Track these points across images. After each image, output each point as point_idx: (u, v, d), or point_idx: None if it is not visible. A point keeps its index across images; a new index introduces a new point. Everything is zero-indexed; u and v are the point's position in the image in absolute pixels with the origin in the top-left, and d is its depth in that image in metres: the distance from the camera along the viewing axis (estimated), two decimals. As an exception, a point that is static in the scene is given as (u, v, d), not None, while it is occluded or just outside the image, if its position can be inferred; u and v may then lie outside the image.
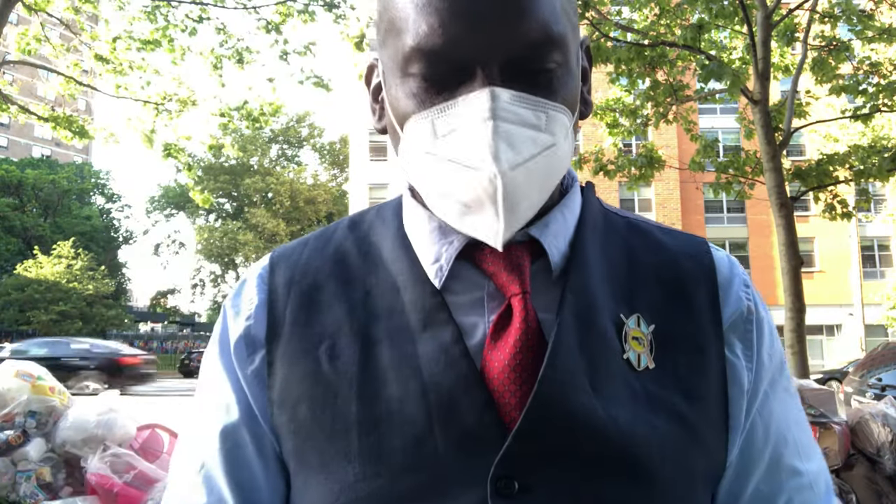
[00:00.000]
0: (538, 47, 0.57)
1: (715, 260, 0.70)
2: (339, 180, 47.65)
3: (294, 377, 0.63)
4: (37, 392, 3.04)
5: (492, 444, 0.56)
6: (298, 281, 0.67)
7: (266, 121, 10.10)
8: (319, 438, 0.60)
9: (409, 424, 0.58)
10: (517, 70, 0.57)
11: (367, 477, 0.58)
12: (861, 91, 9.20)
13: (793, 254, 7.49)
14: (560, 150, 0.59)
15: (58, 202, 41.69)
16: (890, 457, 3.06)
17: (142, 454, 3.06)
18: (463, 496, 0.56)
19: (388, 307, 0.64)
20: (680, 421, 0.60)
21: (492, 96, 0.55)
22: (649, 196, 27.46)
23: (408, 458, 0.57)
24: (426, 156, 0.59)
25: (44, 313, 30.48)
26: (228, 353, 0.67)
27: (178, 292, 52.49)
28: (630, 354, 0.61)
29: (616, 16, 9.70)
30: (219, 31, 9.33)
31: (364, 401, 0.60)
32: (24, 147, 56.20)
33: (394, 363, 0.60)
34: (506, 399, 0.58)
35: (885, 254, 28.68)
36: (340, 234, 0.71)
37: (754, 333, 0.67)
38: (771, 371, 0.67)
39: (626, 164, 9.89)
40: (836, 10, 8.93)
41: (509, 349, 0.59)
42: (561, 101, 0.59)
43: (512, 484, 0.55)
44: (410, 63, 0.58)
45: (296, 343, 0.64)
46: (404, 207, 0.70)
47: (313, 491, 0.61)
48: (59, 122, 9.14)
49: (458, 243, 0.64)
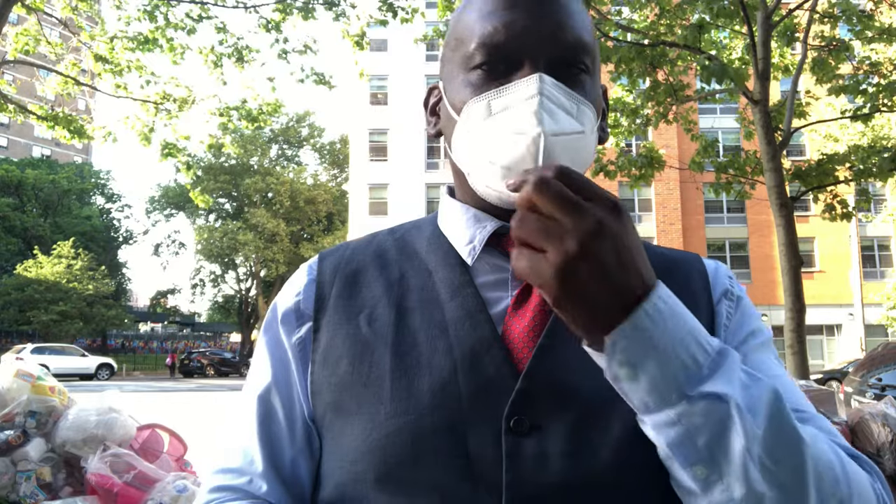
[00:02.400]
0: (574, 50, 0.71)
1: (705, 263, 0.83)
2: (339, 180, 47.63)
3: (337, 339, 0.73)
4: (37, 392, 3.04)
5: (507, 390, 0.66)
6: (343, 268, 0.79)
7: (266, 120, 10.08)
8: (357, 386, 0.70)
9: (436, 371, 0.68)
10: (557, 66, 0.70)
11: (398, 414, 0.66)
12: (861, 91, 9.20)
13: (793, 254, 7.49)
14: (588, 139, 0.70)
15: (58, 202, 41.70)
16: (890, 457, 3.06)
17: (142, 454, 3.06)
18: (482, 433, 0.64)
19: (420, 284, 0.75)
20: None
21: (539, 79, 0.68)
22: (649, 196, 27.45)
23: (434, 398, 0.66)
24: (481, 129, 0.70)
25: (44, 313, 30.48)
26: (275, 328, 0.78)
27: (178, 292, 52.42)
28: None
29: (616, 15, 9.71)
30: (219, 31, 9.32)
31: (397, 354, 0.70)
32: (24, 147, 56.20)
33: (424, 325, 0.71)
34: (524, 355, 0.68)
35: (885, 254, 28.68)
36: (381, 236, 0.84)
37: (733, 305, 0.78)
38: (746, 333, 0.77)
39: (627, 164, 9.89)
40: (836, 10, 8.93)
41: (529, 315, 0.70)
42: (590, 100, 0.71)
43: (524, 422, 0.64)
44: (473, 59, 0.72)
45: (340, 313, 0.75)
46: (441, 207, 0.83)
47: (349, 433, 0.69)
48: (58, 121, 9.14)
49: (491, 227, 0.75)
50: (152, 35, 8.99)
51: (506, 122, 0.68)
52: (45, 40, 8.89)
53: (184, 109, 9.44)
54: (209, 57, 9.29)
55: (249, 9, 9.15)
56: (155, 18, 8.93)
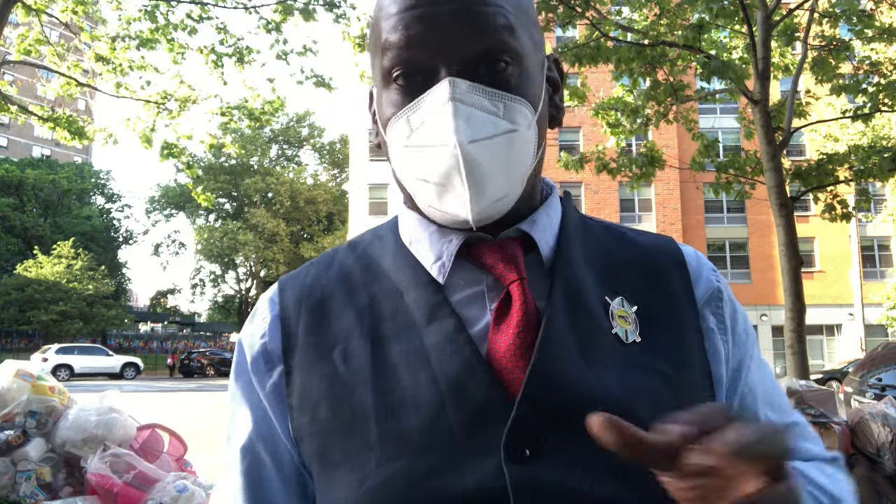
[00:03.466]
0: (489, 50, 0.66)
1: (683, 251, 0.79)
2: (339, 180, 47.63)
3: (312, 381, 0.68)
4: (37, 392, 3.03)
5: (501, 417, 0.61)
6: (307, 297, 0.73)
7: (267, 119, 10.06)
8: (341, 433, 0.65)
9: (423, 408, 0.62)
10: (474, 68, 0.66)
11: (389, 460, 0.61)
12: (861, 91, 9.19)
13: (793, 254, 7.49)
14: (521, 137, 0.67)
15: (58, 202, 41.70)
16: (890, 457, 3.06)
17: (142, 454, 3.06)
18: (479, 466, 0.60)
19: (392, 309, 0.70)
20: (670, 383, 0.66)
21: (451, 84, 0.64)
22: (649, 196, 27.44)
23: (425, 437, 0.61)
24: (405, 149, 0.67)
25: (44, 313, 30.49)
26: (247, 374, 0.73)
27: (178, 292, 52.46)
28: (618, 330, 0.68)
29: (616, 15, 9.70)
30: (219, 31, 9.31)
31: (379, 393, 0.64)
32: (24, 147, 56.19)
33: (403, 357, 0.66)
34: (514, 375, 0.63)
35: (885, 254, 28.66)
36: (341, 254, 0.79)
37: (725, 310, 0.75)
38: (748, 345, 0.76)
39: (628, 164, 9.89)
40: (836, 9, 8.93)
41: (512, 330, 0.65)
42: (519, 94, 0.67)
43: (523, 450, 0.60)
44: (388, 74, 0.68)
45: (311, 352, 0.69)
46: (400, 220, 0.78)
47: (338, 485, 0.64)
48: (59, 122, 9.13)
49: (458, 241, 0.71)
50: (152, 35, 8.99)
51: (425, 136, 0.65)
52: (47, 41, 8.89)
53: (185, 109, 9.43)
54: (209, 57, 9.28)
55: (250, 9, 9.14)
56: (155, 19, 8.93)
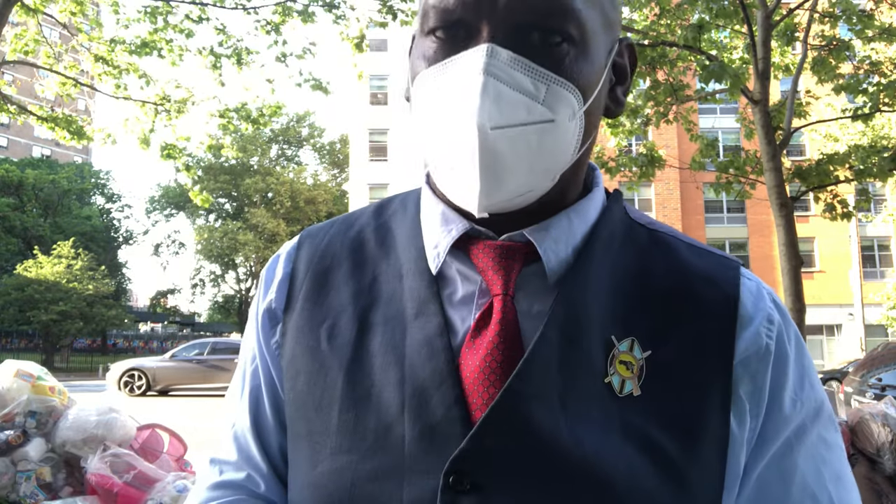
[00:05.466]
0: (548, 16, 0.55)
1: (742, 288, 0.63)
2: (339, 180, 47.61)
3: (298, 351, 0.67)
4: (37, 392, 3.03)
5: (454, 439, 0.56)
6: (317, 262, 0.71)
7: (265, 122, 10.06)
8: (309, 409, 0.64)
9: (383, 409, 0.59)
10: (525, 37, 0.56)
11: (341, 451, 0.60)
12: (861, 90, 9.19)
13: (793, 254, 7.49)
14: (560, 129, 0.56)
15: (58, 202, 41.66)
16: (890, 457, 3.05)
17: (142, 454, 3.06)
18: (419, 484, 0.56)
19: (389, 293, 0.66)
20: (656, 454, 0.56)
21: (488, 52, 0.54)
22: (649, 196, 27.43)
23: (378, 440, 0.59)
24: (426, 115, 0.59)
25: (44, 313, 30.44)
26: (256, 324, 0.72)
27: (178, 292, 52.43)
28: (613, 378, 0.58)
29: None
30: (218, 32, 9.30)
31: (349, 381, 0.62)
32: (24, 147, 56.17)
33: (382, 349, 0.62)
34: (475, 398, 0.57)
35: (885, 254, 28.66)
36: (364, 219, 0.73)
37: (768, 373, 0.60)
38: (796, 418, 0.61)
39: (628, 164, 9.90)
40: (836, 9, 8.92)
41: (483, 350, 0.59)
42: (569, 79, 0.57)
43: (464, 480, 0.55)
44: (427, 21, 0.59)
45: (304, 319, 0.68)
46: (422, 191, 0.71)
47: (299, 458, 0.64)
48: (58, 122, 9.13)
49: (457, 231, 0.64)
50: (151, 38, 8.97)
51: (446, 104, 0.56)
52: (44, 40, 8.88)
53: (183, 111, 9.42)
54: (208, 58, 9.28)
55: (249, 10, 9.13)
56: (155, 20, 8.92)
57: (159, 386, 17.02)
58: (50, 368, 6.86)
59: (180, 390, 17.41)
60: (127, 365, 17.17)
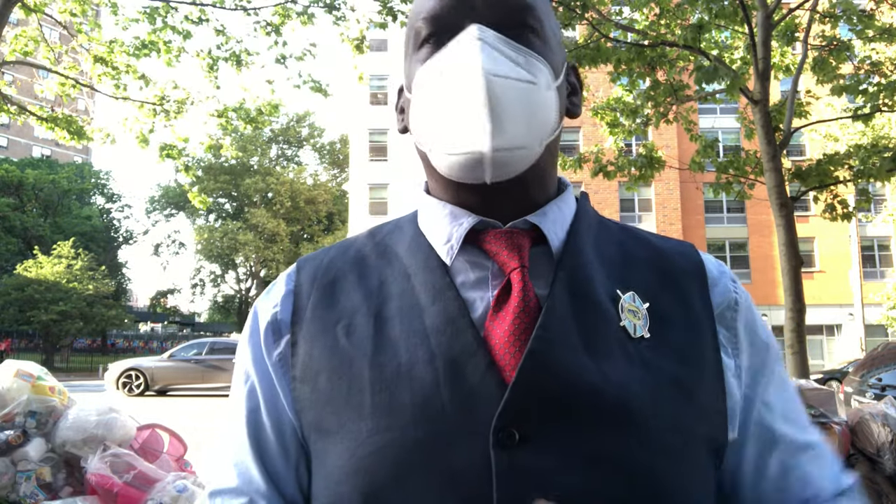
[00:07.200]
0: (517, 11, 0.70)
1: (703, 258, 0.77)
2: (339, 180, 47.62)
3: (315, 352, 0.69)
4: (37, 392, 3.03)
5: (493, 400, 0.61)
6: (321, 277, 0.75)
7: (264, 121, 10.05)
8: (337, 403, 0.66)
9: (417, 383, 0.63)
10: (501, 29, 0.69)
11: (380, 430, 0.62)
12: (862, 91, 9.18)
13: (793, 254, 7.49)
14: (541, 93, 0.68)
15: (58, 202, 41.66)
16: (890, 457, 3.05)
17: (142, 454, 3.06)
18: (467, 447, 0.60)
19: (400, 290, 0.71)
20: (675, 382, 0.65)
21: (479, 28, 0.67)
22: (649, 196, 27.44)
23: (416, 412, 0.62)
24: (431, 93, 0.69)
25: (44, 313, 30.44)
26: (258, 341, 0.74)
27: (178, 292, 52.41)
28: (626, 323, 0.67)
29: (616, 16, 9.69)
30: (218, 33, 9.30)
31: (376, 366, 0.65)
32: (24, 147, 56.18)
33: (404, 334, 0.67)
34: (506, 361, 0.63)
35: (885, 254, 28.66)
36: (360, 241, 0.80)
37: (739, 322, 0.73)
38: (767, 360, 0.74)
39: (627, 165, 9.89)
40: (836, 9, 8.92)
41: (510, 317, 0.65)
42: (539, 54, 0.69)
43: (512, 435, 0.60)
44: (420, 34, 0.71)
45: (317, 324, 0.71)
46: (419, 206, 0.79)
47: (332, 452, 0.65)
48: (58, 122, 9.12)
49: (468, 223, 0.71)
50: (150, 39, 8.96)
51: (451, 74, 0.67)
52: (44, 40, 8.88)
53: (182, 111, 9.42)
54: (205, 60, 9.26)
55: (249, 11, 9.13)
56: (154, 21, 8.91)
57: (157, 386, 17.00)
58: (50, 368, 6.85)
59: (179, 390, 17.39)
60: (125, 365, 17.14)
